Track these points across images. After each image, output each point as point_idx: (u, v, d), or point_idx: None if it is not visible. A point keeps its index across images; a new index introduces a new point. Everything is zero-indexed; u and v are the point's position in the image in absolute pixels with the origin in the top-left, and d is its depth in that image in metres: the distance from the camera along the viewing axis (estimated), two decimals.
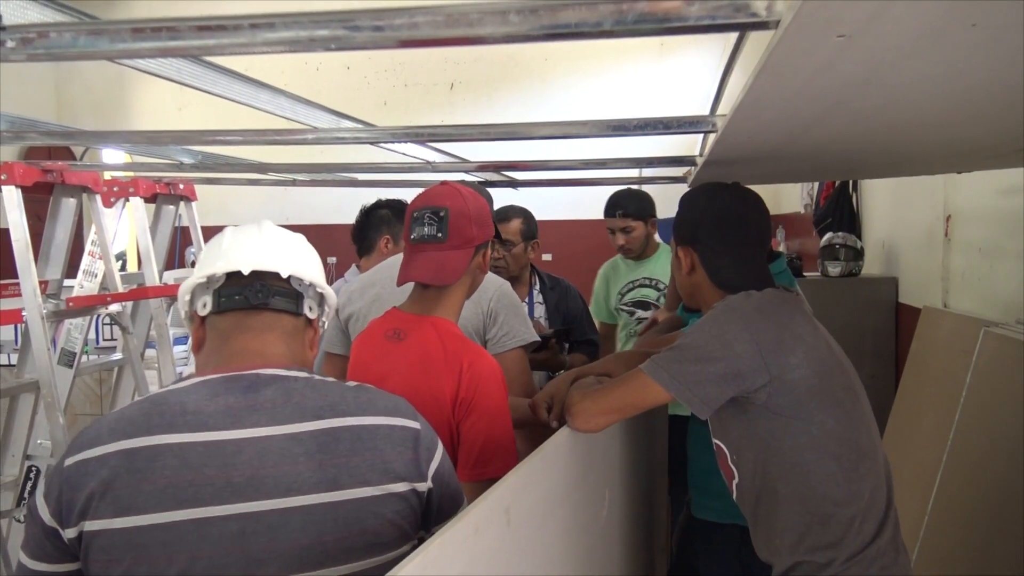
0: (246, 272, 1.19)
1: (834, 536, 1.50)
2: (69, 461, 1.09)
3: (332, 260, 8.33)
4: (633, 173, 5.41)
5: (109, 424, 1.12)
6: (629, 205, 3.15)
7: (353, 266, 3.00)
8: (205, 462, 1.08)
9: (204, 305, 1.21)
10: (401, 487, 1.15)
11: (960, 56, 0.83)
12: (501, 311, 2.08)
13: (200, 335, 1.23)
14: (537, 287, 2.90)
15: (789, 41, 0.78)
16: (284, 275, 1.22)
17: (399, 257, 2.25)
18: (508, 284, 2.17)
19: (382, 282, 2.14)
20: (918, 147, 1.74)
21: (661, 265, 3.25)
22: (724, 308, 1.54)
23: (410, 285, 1.82)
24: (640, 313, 3.20)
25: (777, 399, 1.49)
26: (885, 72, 0.91)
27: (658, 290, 3.22)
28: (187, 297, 1.24)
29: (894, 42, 0.77)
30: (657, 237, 3.31)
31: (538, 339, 2.21)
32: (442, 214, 1.67)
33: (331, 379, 1.22)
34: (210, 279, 1.21)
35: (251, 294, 1.20)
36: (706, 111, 2.31)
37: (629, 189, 3.27)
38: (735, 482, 1.62)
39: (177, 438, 1.08)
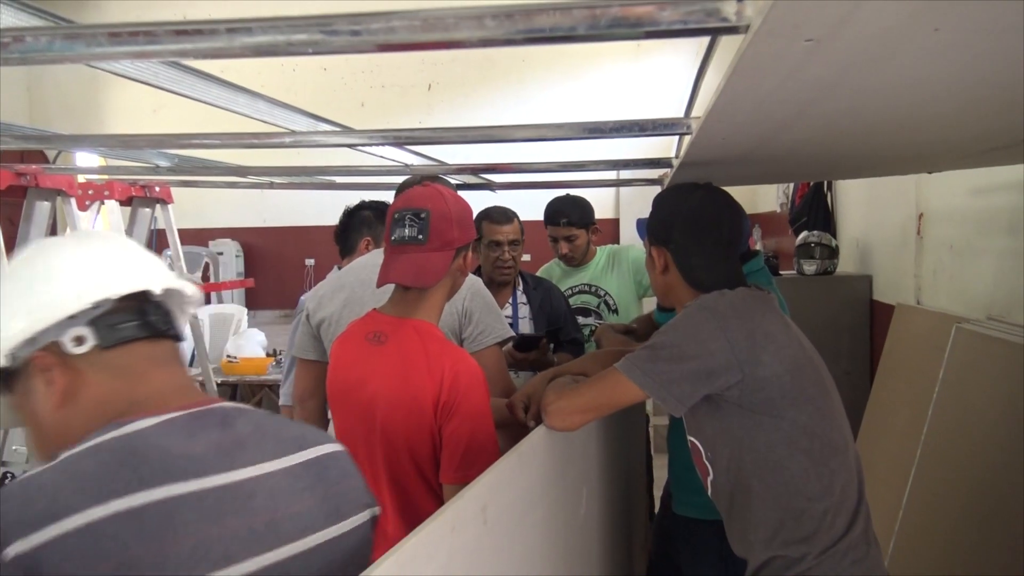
0: (158, 292, 0.99)
1: (807, 530, 1.53)
2: (25, 546, 0.77)
3: (310, 262, 8.31)
4: (611, 175, 5.43)
5: (65, 485, 0.83)
6: (572, 213, 3.15)
7: (335, 267, 3.00)
8: (224, 510, 0.89)
9: (78, 340, 0.93)
10: (375, 511, 1.08)
11: (925, 60, 0.85)
12: (476, 309, 2.09)
13: (67, 381, 0.94)
14: (521, 288, 2.91)
15: (759, 45, 0.80)
16: (189, 293, 1.05)
17: (367, 258, 2.25)
18: (480, 281, 2.18)
19: (351, 285, 2.14)
20: (888, 148, 1.77)
21: (601, 271, 3.27)
22: (697, 307, 1.56)
23: (383, 286, 1.81)
24: (581, 320, 3.20)
25: (750, 396, 1.51)
26: (853, 75, 0.93)
27: (598, 296, 3.23)
28: (28, 336, 0.92)
29: (860, 46, 0.79)
30: (636, 237, 3.32)
31: (513, 334, 2.22)
32: (423, 216, 1.67)
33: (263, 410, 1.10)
34: (93, 305, 0.94)
35: (157, 320, 0.99)
36: (682, 112, 2.33)
37: (570, 196, 3.24)
38: (710, 479, 1.64)
39: (184, 487, 0.87)
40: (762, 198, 6.38)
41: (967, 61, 0.86)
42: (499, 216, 2.84)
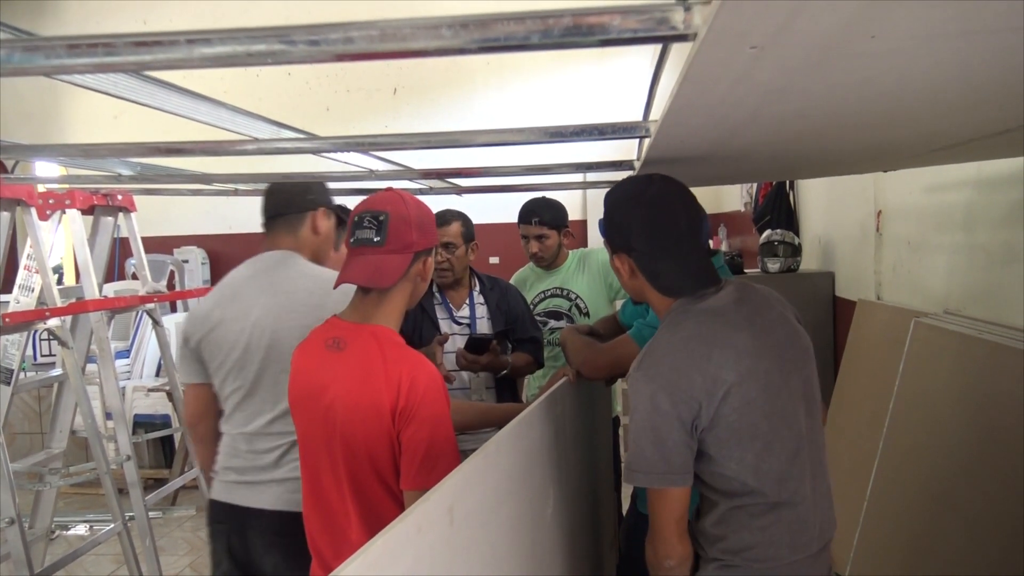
0: None
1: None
2: None
3: None
4: (577, 178, 5.44)
5: None
6: (544, 214, 3.21)
7: None
8: None
9: None
10: None
11: (864, 65, 0.88)
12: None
13: None
14: (477, 288, 2.93)
15: (706, 53, 0.83)
16: None
17: (233, 276, 2.19)
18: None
19: (221, 305, 2.11)
20: (841, 149, 1.81)
21: (572, 274, 3.32)
22: (639, 378, 1.56)
23: (253, 305, 1.83)
24: (553, 323, 3.25)
25: (706, 440, 1.53)
26: (799, 81, 0.96)
27: (569, 299, 3.28)
28: None
29: (802, 53, 0.82)
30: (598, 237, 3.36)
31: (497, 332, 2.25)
32: (381, 218, 1.68)
33: None
34: None
35: None
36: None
37: (544, 198, 3.30)
38: None
39: None
40: (726, 198, 6.46)
41: (905, 67, 0.90)
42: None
